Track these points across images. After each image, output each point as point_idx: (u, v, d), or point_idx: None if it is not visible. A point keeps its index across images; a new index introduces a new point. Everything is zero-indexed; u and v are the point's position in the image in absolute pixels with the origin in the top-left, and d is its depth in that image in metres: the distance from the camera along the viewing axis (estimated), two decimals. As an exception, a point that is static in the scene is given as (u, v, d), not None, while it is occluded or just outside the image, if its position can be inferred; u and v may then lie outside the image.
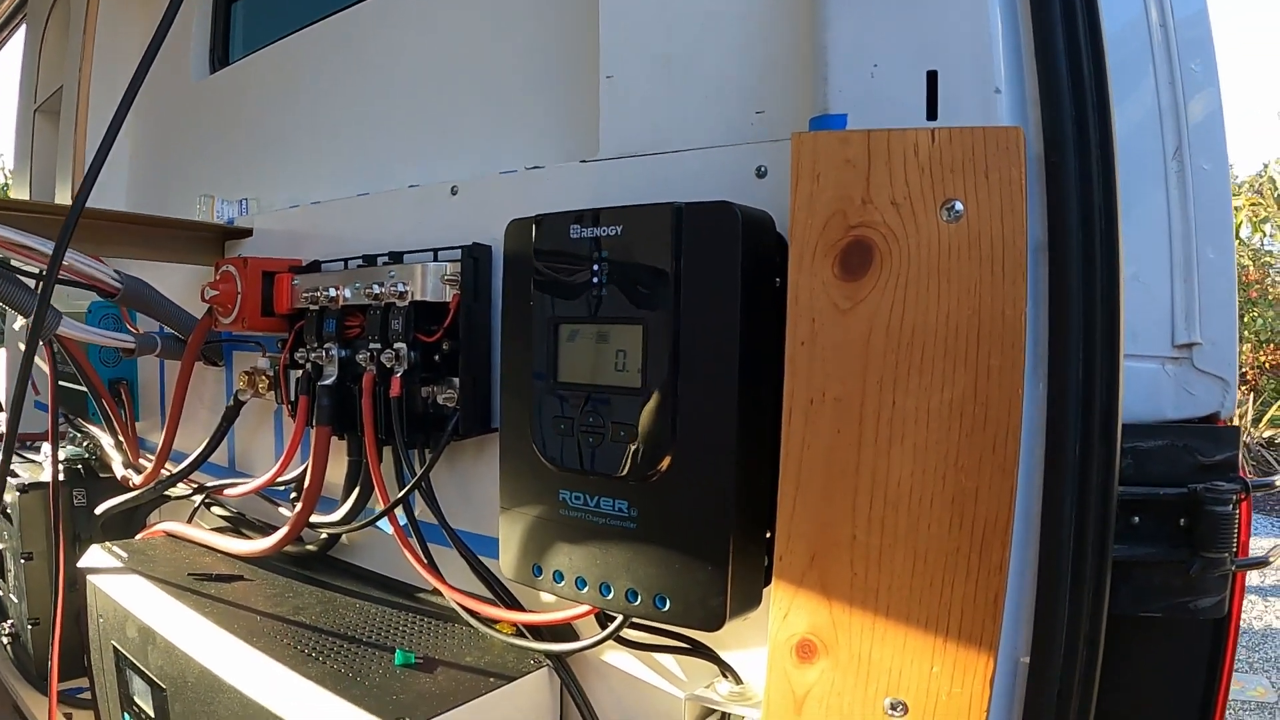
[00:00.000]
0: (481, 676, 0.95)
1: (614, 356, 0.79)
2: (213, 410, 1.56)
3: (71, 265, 1.24)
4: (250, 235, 1.47)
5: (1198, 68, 0.85)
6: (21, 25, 3.01)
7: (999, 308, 0.63)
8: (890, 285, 0.66)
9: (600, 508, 0.80)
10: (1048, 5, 0.68)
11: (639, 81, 0.93)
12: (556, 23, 1.13)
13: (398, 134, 1.36)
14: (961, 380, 0.64)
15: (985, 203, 0.64)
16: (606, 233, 0.79)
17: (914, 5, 0.72)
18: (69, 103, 2.30)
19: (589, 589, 0.82)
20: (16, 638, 1.92)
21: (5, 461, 1.04)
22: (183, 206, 1.89)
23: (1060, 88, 0.67)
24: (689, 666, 0.91)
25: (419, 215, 1.15)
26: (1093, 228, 0.66)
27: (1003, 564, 0.63)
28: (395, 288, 1.01)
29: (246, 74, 1.81)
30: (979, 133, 0.65)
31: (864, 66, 0.74)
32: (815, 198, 0.69)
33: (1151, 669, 0.79)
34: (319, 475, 1.13)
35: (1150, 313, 0.79)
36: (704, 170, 0.86)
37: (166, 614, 1.14)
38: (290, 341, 1.19)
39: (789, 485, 0.70)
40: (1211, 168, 0.83)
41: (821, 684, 0.69)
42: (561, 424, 0.82)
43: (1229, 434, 0.76)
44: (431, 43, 1.32)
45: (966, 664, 0.64)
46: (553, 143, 1.12)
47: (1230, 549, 0.71)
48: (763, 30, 0.86)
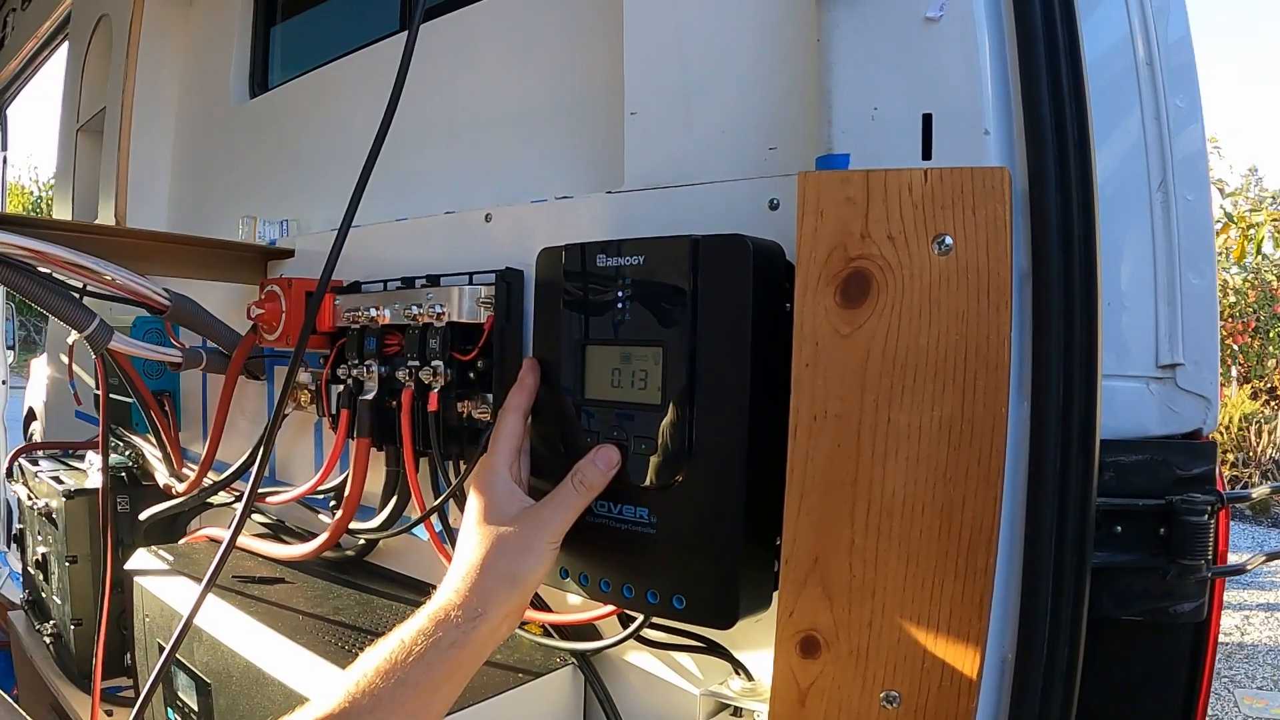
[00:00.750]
0: (510, 673, 1.00)
1: (635, 375, 0.84)
2: (254, 422, 1.62)
3: (123, 282, 1.29)
4: (292, 256, 1.52)
5: (1182, 103, 0.88)
6: (63, 44, 3.07)
7: (985, 333, 0.68)
8: (886, 312, 0.72)
9: (623, 514, 0.85)
10: (1033, 53, 0.73)
11: (661, 118, 0.99)
12: (585, 60, 1.19)
13: (433, 162, 1.41)
14: (950, 399, 0.69)
15: (973, 237, 0.69)
16: (630, 262, 0.84)
17: (911, 52, 0.77)
18: (112, 123, 2.35)
19: (612, 590, 0.87)
20: (59, 637, 1.98)
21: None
22: (221, 226, 1.96)
23: (1044, 129, 0.72)
24: (704, 665, 0.96)
25: (454, 240, 1.20)
26: (1072, 258, 0.70)
27: (988, 567, 0.68)
28: (433, 309, 1.06)
29: (286, 99, 1.87)
30: (967, 173, 0.70)
31: (865, 109, 0.79)
32: (819, 232, 0.74)
33: (1136, 669, 0.83)
34: (359, 484, 1.18)
35: (1135, 335, 0.83)
36: (721, 202, 0.91)
37: (212, 613, 1.19)
38: (332, 358, 1.24)
39: (794, 495, 0.75)
40: (1194, 198, 0.87)
41: (823, 677, 0.74)
42: (587, 437, 0.87)
43: (1206, 449, 0.80)
44: (466, 75, 1.38)
45: (956, 659, 0.69)
46: (581, 174, 1.18)
47: (1205, 556, 0.76)
48: (775, 72, 0.91)
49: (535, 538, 0.81)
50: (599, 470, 0.84)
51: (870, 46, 0.79)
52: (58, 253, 1.20)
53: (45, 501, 1.96)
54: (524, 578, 0.79)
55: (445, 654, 0.74)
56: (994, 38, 0.75)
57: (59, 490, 1.87)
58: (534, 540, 0.80)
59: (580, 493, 0.83)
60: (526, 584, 0.80)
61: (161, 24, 2.30)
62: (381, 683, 0.73)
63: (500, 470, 0.85)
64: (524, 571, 0.79)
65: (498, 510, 0.83)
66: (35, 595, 2.20)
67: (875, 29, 0.78)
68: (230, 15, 2.11)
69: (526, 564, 0.80)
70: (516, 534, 0.81)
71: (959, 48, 0.75)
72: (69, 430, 2.57)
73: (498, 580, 0.79)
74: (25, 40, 3.29)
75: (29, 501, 2.08)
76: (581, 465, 0.84)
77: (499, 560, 0.79)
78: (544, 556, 0.81)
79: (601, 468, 0.84)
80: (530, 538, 0.80)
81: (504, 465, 0.85)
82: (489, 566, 0.79)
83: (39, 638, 2.10)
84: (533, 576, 0.80)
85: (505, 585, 0.79)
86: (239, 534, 1.04)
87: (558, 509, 0.82)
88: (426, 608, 0.78)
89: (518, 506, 0.83)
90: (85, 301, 1.29)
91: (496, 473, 0.85)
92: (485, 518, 0.82)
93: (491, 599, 0.78)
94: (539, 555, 0.80)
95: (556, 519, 0.82)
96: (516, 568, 0.79)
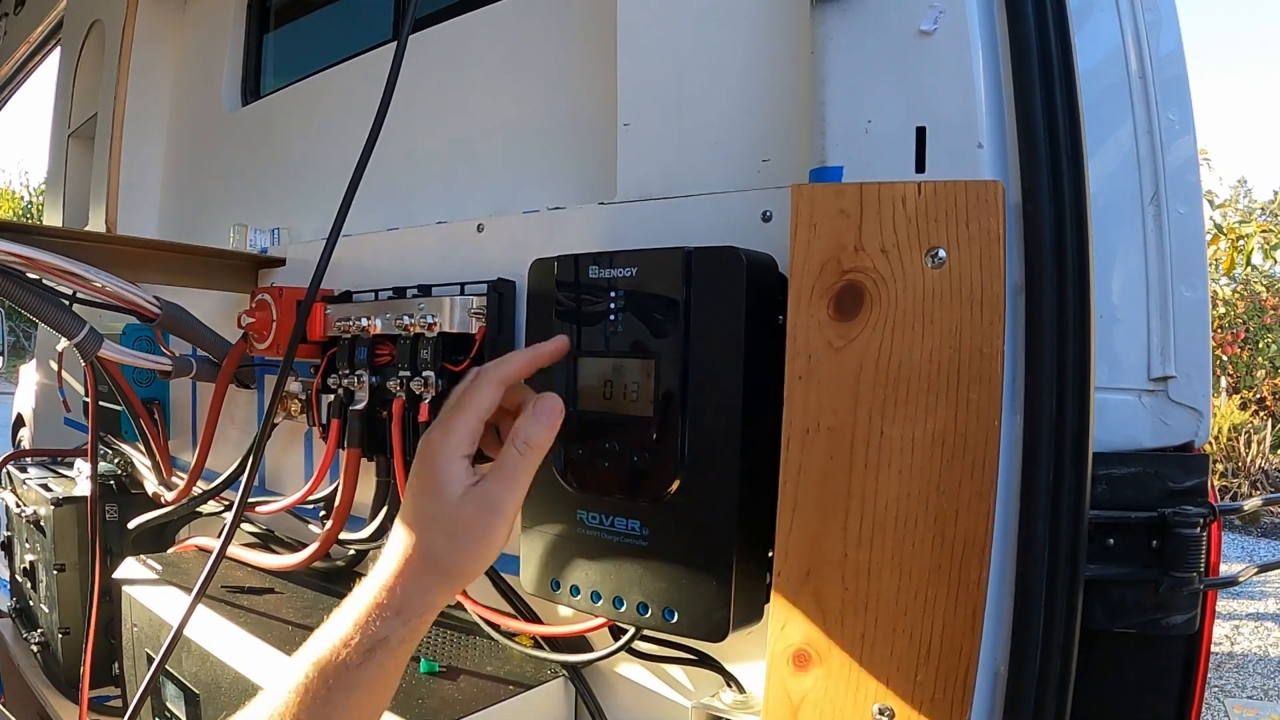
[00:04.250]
0: (501, 685, 1.00)
1: (628, 387, 0.84)
2: (244, 431, 1.61)
3: (113, 290, 1.29)
4: (283, 264, 1.52)
5: (1174, 117, 0.88)
6: (56, 49, 3.06)
7: (978, 346, 0.68)
8: (879, 325, 0.72)
9: (615, 527, 0.85)
10: (1027, 68, 0.73)
11: (654, 129, 0.99)
12: (579, 71, 1.19)
13: (425, 171, 1.41)
14: (943, 412, 0.69)
15: (966, 250, 0.69)
16: (622, 273, 0.85)
17: (905, 66, 0.77)
18: (104, 129, 2.34)
19: (603, 602, 0.87)
20: (46, 646, 1.97)
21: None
22: (212, 234, 1.95)
23: (1037, 143, 0.72)
24: (696, 677, 0.96)
25: (446, 250, 1.20)
26: (1065, 271, 0.70)
27: (981, 580, 0.68)
28: (424, 319, 1.06)
29: (278, 107, 1.86)
30: (961, 186, 0.70)
31: (859, 122, 0.79)
32: (812, 244, 0.75)
33: (1129, 681, 0.83)
34: (349, 494, 1.18)
35: (1127, 347, 0.83)
36: (713, 214, 0.91)
37: (201, 623, 1.19)
38: (323, 367, 1.24)
39: (786, 507, 0.76)
40: (1186, 211, 0.87)
41: (816, 691, 0.74)
42: (580, 449, 0.88)
43: (1198, 461, 0.80)
44: (459, 85, 1.38)
45: (948, 672, 0.69)
46: (573, 185, 1.18)
47: (1198, 569, 0.76)
48: (768, 84, 0.92)
49: (484, 524, 0.69)
50: (543, 425, 0.71)
51: (864, 59, 0.79)
52: (48, 259, 1.20)
53: (33, 509, 1.95)
54: (465, 573, 0.70)
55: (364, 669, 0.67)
56: (988, 51, 0.75)
57: (47, 498, 1.86)
58: (483, 529, 0.69)
59: (526, 456, 0.70)
60: (466, 578, 0.71)
61: (154, 30, 2.29)
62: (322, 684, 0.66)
63: (449, 447, 0.71)
64: (467, 568, 0.70)
65: (441, 488, 0.69)
66: (23, 603, 2.19)
67: (869, 42, 0.78)
68: (223, 22, 2.11)
69: (471, 557, 0.69)
70: (462, 520, 0.69)
71: (953, 61, 0.75)
72: (57, 437, 2.55)
73: (431, 581, 0.69)
74: (17, 45, 3.28)
75: (17, 509, 2.07)
76: (521, 424, 0.71)
77: (432, 556, 0.68)
78: (495, 544, 0.70)
79: (546, 420, 0.72)
80: (478, 526, 0.69)
81: (459, 443, 0.71)
82: (423, 562, 0.68)
83: (26, 646, 2.08)
84: (476, 569, 0.70)
85: (441, 587, 0.69)
86: (229, 544, 1.03)
87: (505, 483, 0.70)
88: (348, 612, 0.69)
89: (459, 486, 0.69)
90: (75, 308, 1.29)
91: (442, 450, 0.71)
92: (423, 502, 0.70)
93: (425, 603, 0.68)
94: (487, 545, 0.69)
95: (506, 496, 0.69)
96: (455, 563, 0.69)
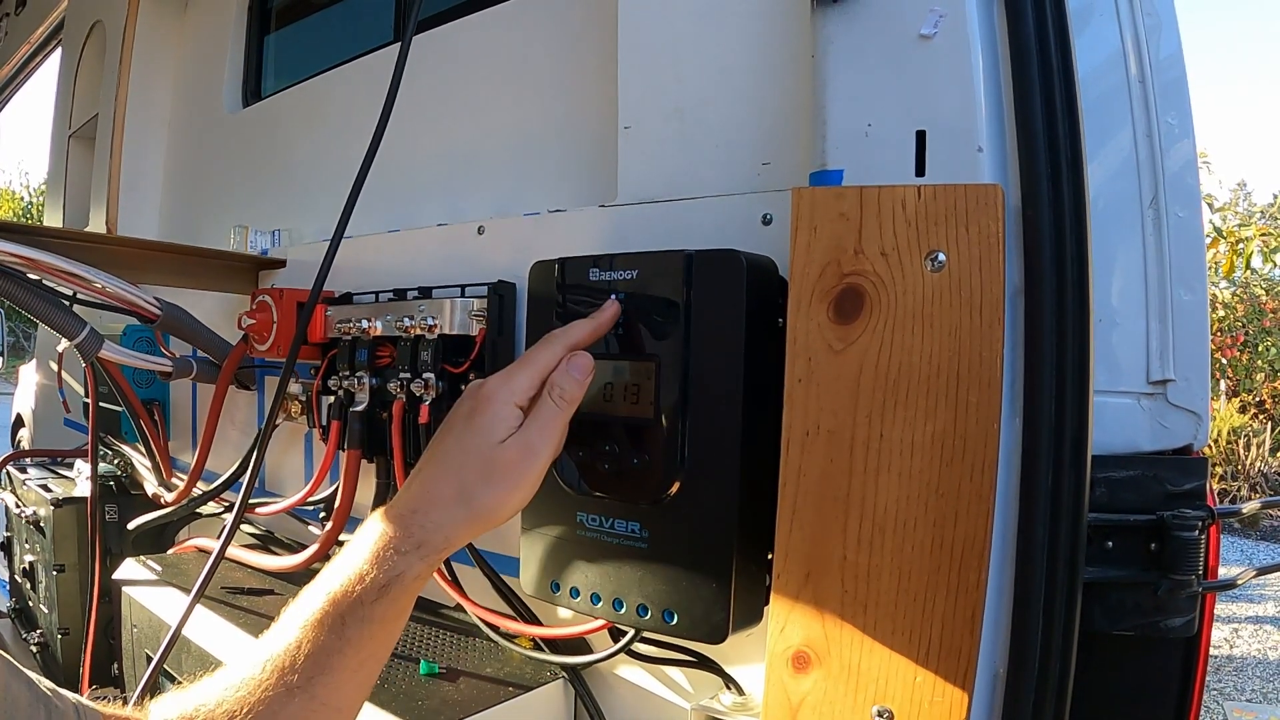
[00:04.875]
0: (501, 686, 1.00)
1: (628, 390, 0.84)
2: (244, 432, 1.61)
3: (113, 290, 1.29)
4: (284, 266, 1.52)
5: (1174, 121, 0.89)
6: (56, 50, 3.05)
7: (977, 349, 0.69)
8: (879, 328, 0.72)
9: (614, 529, 0.85)
10: (1027, 71, 0.73)
11: (654, 132, 0.99)
12: (579, 74, 1.19)
13: (426, 174, 1.41)
14: (943, 415, 0.70)
15: (965, 254, 0.69)
16: (623, 276, 0.85)
17: (905, 69, 0.78)
18: (104, 130, 2.33)
19: (603, 604, 0.87)
20: (45, 646, 1.97)
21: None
22: (213, 235, 1.95)
23: (1037, 147, 0.72)
24: (695, 679, 0.96)
25: (446, 252, 1.20)
26: (1065, 275, 0.70)
27: (980, 582, 0.68)
28: (425, 321, 1.06)
29: (279, 109, 1.87)
30: (960, 189, 0.71)
31: (859, 125, 0.79)
32: (812, 247, 0.75)
33: (1128, 684, 0.83)
34: (349, 496, 1.18)
35: (1126, 351, 0.84)
36: (714, 217, 0.92)
37: (201, 624, 1.19)
38: (323, 369, 1.24)
39: (786, 509, 0.76)
40: (1186, 214, 0.87)
41: (815, 692, 0.74)
42: (580, 451, 0.87)
43: (1197, 465, 0.80)
44: (460, 87, 1.38)
45: (947, 674, 0.69)
46: (574, 187, 1.18)
47: (1196, 572, 0.76)
48: (769, 88, 0.92)
49: (522, 468, 0.72)
50: (575, 380, 0.76)
51: (865, 63, 0.79)
52: (49, 260, 1.20)
53: (33, 509, 1.96)
54: (494, 513, 0.73)
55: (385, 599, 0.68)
56: (988, 55, 0.75)
57: (47, 498, 1.86)
58: (521, 472, 0.72)
59: (562, 408, 0.75)
60: (493, 520, 0.73)
61: (155, 31, 2.29)
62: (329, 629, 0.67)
63: (507, 392, 0.75)
64: (497, 509, 0.72)
65: (488, 429, 0.73)
66: (22, 603, 2.19)
67: (870, 45, 0.79)
68: (224, 24, 2.11)
69: (504, 497, 0.72)
70: (501, 462, 0.72)
71: (953, 65, 0.75)
72: (57, 438, 2.55)
73: (459, 515, 0.71)
74: (18, 45, 3.28)
75: (17, 509, 2.07)
76: (556, 378, 0.76)
77: (466, 492, 0.71)
78: (528, 488, 0.73)
79: (578, 376, 0.77)
80: (516, 469, 0.72)
81: (517, 390, 0.75)
82: (456, 497, 0.71)
83: (25, 646, 2.08)
84: (505, 512, 0.73)
85: (467, 522, 0.72)
86: (229, 545, 1.03)
87: (542, 430, 0.74)
88: (362, 544, 0.71)
89: (505, 430, 0.73)
90: (76, 309, 1.29)
91: (499, 394, 0.75)
92: (466, 439, 0.73)
93: (447, 539, 0.71)
94: (522, 489, 0.73)
95: (543, 442, 0.74)
96: (487, 501, 0.72)
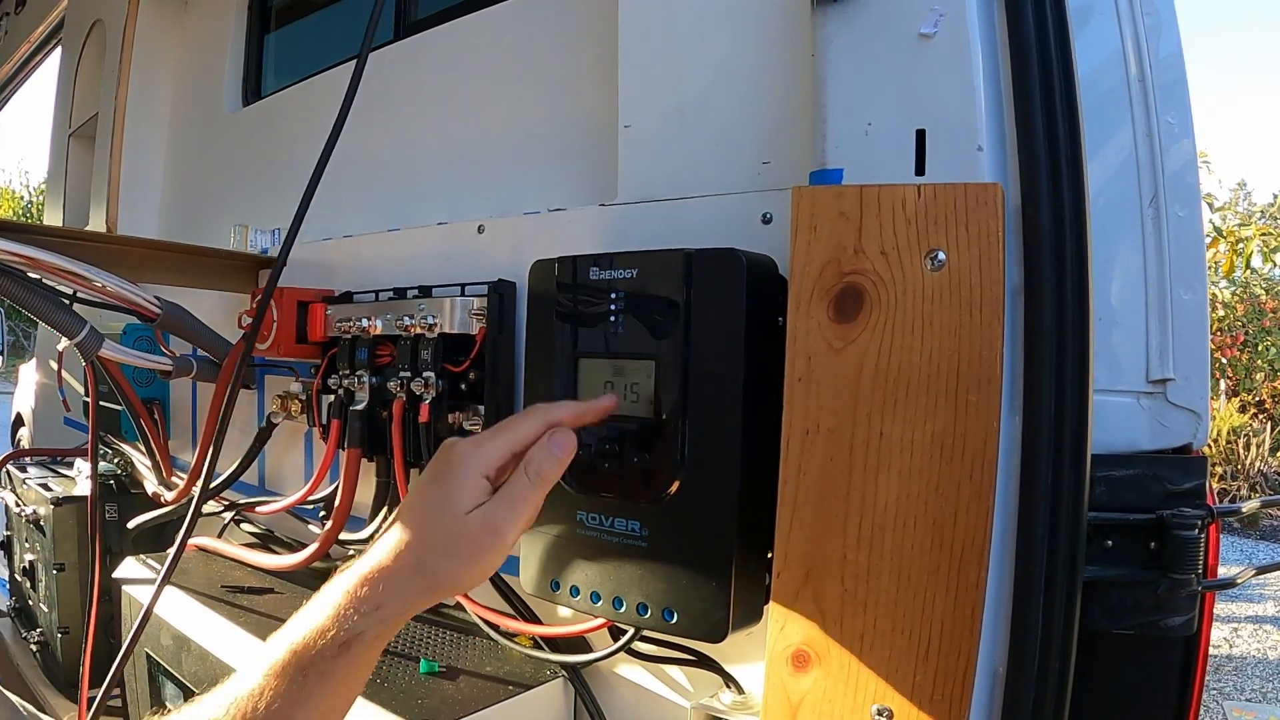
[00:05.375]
0: (501, 685, 1.00)
1: (628, 388, 0.84)
2: (243, 431, 1.61)
3: (114, 289, 1.29)
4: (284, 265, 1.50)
5: (1174, 120, 0.89)
6: (57, 49, 3.05)
7: (977, 348, 0.69)
8: (879, 327, 0.72)
9: (614, 528, 0.86)
10: (1027, 70, 0.74)
11: (655, 131, 0.99)
12: (580, 73, 1.19)
13: (426, 173, 1.42)
14: (943, 414, 0.70)
15: (965, 253, 0.70)
16: (623, 275, 0.85)
17: (905, 69, 0.78)
18: (104, 129, 2.34)
19: (603, 603, 0.87)
20: (45, 645, 1.98)
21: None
22: (213, 234, 1.95)
23: (1037, 147, 0.72)
24: (695, 678, 0.96)
25: (447, 251, 1.20)
26: (1065, 274, 0.70)
27: (979, 581, 0.68)
28: (425, 320, 1.06)
29: (280, 108, 1.87)
30: (960, 189, 0.71)
31: (859, 124, 0.79)
32: (812, 246, 0.75)
33: (1127, 683, 0.83)
34: (349, 495, 1.18)
35: (1126, 350, 0.84)
36: (714, 216, 0.92)
37: (201, 623, 1.20)
38: (323, 368, 1.24)
39: (786, 508, 0.76)
40: (1185, 214, 0.87)
41: (815, 691, 0.74)
42: (580, 450, 0.87)
43: (1197, 464, 0.80)
44: (459, 86, 1.38)
45: (947, 673, 0.69)
46: (574, 186, 1.18)
47: (1196, 570, 0.76)
48: (768, 87, 0.92)
49: (483, 544, 0.69)
50: (555, 458, 0.72)
51: (865, 62, 0.79)
52: (49, 259, 1.20)
53: (33, 508, 1.96)
54: (453, 586, 0.70)
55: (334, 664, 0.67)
56: (987, 54, 0.75)
57: (47, 497, 1.86)
58: (481, 549, 0.69)
59: (535, 485, 0.71)
60: (452, 591, 0.71)
61: (155, 30, 2.30)
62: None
63: (475, 461, 0.71)
64: (456, 582, 0.70)
65: (451, 498, 0.69)
66: (21, 602, 2.19)
67: (870, 45, 0.79)
68: (224, 22, 2.11)
69: (463, 572, 0.69)
70: (463, 537, 0.68)
71: (953, 64, 0.75)
72: (57, 436, 2.56)
73: (417, 586, 0.68)
74: (18, 44, 3.28)
75: (16, 508, 2.07)
76: (535, 453, 0.72)
77: (425, 564, 0.68)
78: (489, 566, 0.70)
79: (558, 454, 0.73)
80: (477, 545, 0.69)
81: (485, 461, 0.71)
82: (415, 567, 0.68)
83: (25, 645, 2.08)
84: (464, 585, 0.71)
85: (425, 594, 0.69)
86: (197, 519, 1.02)
87: (510, 508, 0.70)
88: (328, 598, 0.69)
89: (470, 502, 0.69)
90: (76, 308, 1.29)
91: (467, 463, 0.71)
92: (430, 508, 0.70)
93: (405, 605, 0.68)
94: (482, 565, 0.69)
95: (510, 521, 0.69)
96: (446, 575, 0.69)
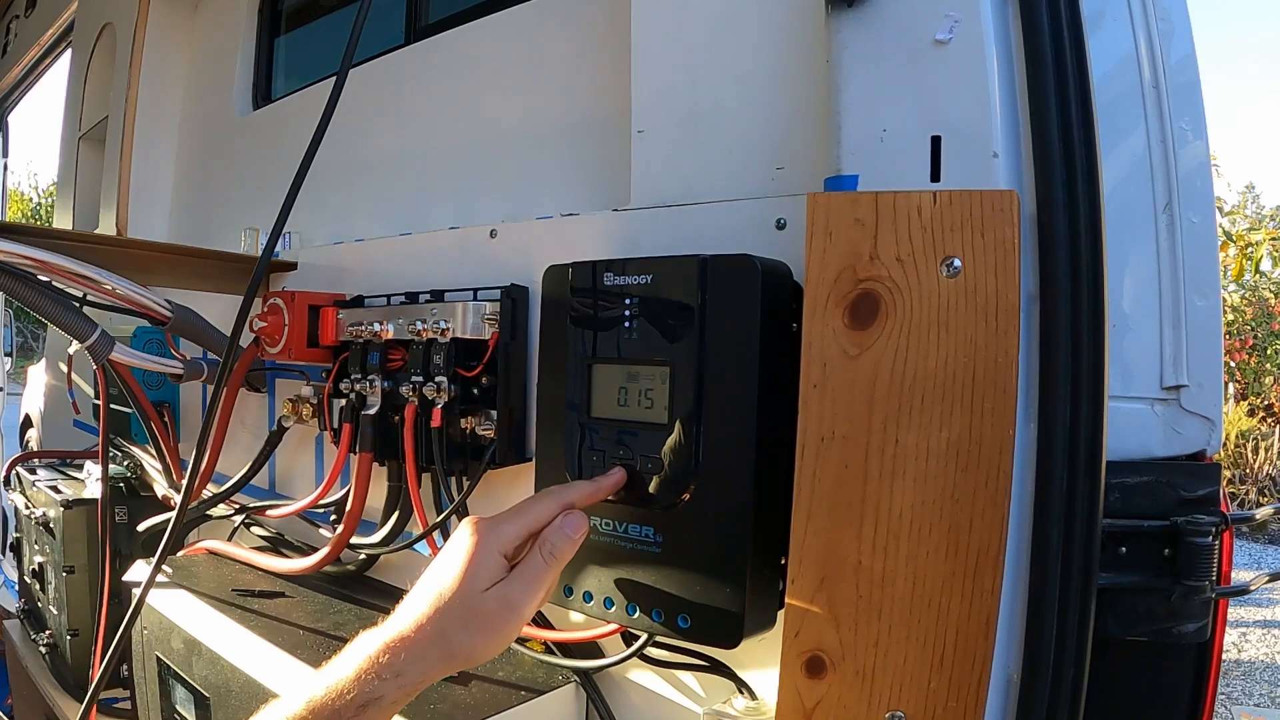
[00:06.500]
0: (513, 690, 1.00)
1: (642, 394, 0.85)
2: (254, 434, 1.62)
3: (124, 293, 1.29)
4: (295, 269, 1.52)
5: (1187, 126, 0.88)
6: (66, 51, 3.06)
7: (993, 355, 0.69)
8: (895, 334, 0.72)
9: (628, 533, 0.86)
10: (1042, 77, 0.74)
11: (668, 137, 0.99)
12: (593, 77, 1.20)
13: (438, 177, 1.42)
14: (958, 421, 0.70)
15: (981, 260, 0.70)
16: (637, 280, 0.85)
17: (920, 75, 0.78)
18: (114, 132, 2.34)
19: (616, 609, 0.87)
20: (55, 647, 1.97)
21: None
22: (223, 238, 1.96)
23: (1052, 154, 0.72)
24: (708, 684, 0.96)
25: (459, 256, 1.20)
26: (1080, 281, 0.71)
27: (995, 588, 0.68)
28: (437, 324, 1.06)
29: (290, 111, 1.87)
30: (976, 196, 0.71)
31: (874, 131, 0.79)
32: (828, 253, 0.75)
33: (1141, 689, 0.83)
34: (361, 499, 1.18)
35: (1140, 357, 0.84)
36: (728, 221, 0.92)
37: (212, 626, 1.19)
38: (334, 372, 1.24)
39: (801, 515, 0.76)
40: (1199, 220, 0.87)
41: (829, 698, 0.74)
42: (593, 455, 0.88)
43: (1210, 470, 0.80)
44: (472, 90, 1.38)
45: (961, 680, 0.69)
46: (587, 191, 1.18)
47: (1210, 577, 0.76)
48: (783, 92, 0.92)
49: (500, 620, 0.73)
50: (568, 538, 0.77)
51: (880, 68, 0.79)
52: (60, 262, 1.20)
53: (43, 511, 1.96)
54: (471, 659, 0.74)
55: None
56: (1003, 61, 0.75)
57: (57, 500, 1.86)
58: (498, 624, 0.73)
59: (550, 565, 0.76)
60: (470, 663, 0.75)
61: (165, 34, 2.30)
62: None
63: (493, 541, 0.76)
64: (474, 655, 0.74)
65: (471, 576, 0.74)
66: (31, 605, 2.19)
67: (885, 51, 0.79)
68: (234, 26, 2.11)
69: (481, 645, 0.73)
70: (481, 612, 0.73)
71: (968, 70, 0.75)
72: (66, 439, 2.56)
73: (436, 655, 0.72)
74: (28, 47, 3.28)
75: (26, 510, 2.07)
76: (549, 534, 0.77)
77: (444, 636, 0.73)
78: (506, 639, 0.75)
79: (572, 534, 0.77)
80: (494, 620, 0.73)
81: (503, 541, 0.76)
82: (435, 639, 0.73)
83: (34, 647, 2.09)
84: (482, 657, 0.75)
85: (443, 663, 0.73)
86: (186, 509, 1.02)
87: (527, 586, 0.74)
88: (349, 660, 0.73)
89: (488, 580, 0.74)
90: (86, 311, 1.29)
91: (485, 542, 0.76)
92: (448, 584, 0.74)
93: (424, 673, 0.72)
94: (499, 639, 0.74)
95: (526, 599, 0.74)
96: (464, 648, 0.73)
